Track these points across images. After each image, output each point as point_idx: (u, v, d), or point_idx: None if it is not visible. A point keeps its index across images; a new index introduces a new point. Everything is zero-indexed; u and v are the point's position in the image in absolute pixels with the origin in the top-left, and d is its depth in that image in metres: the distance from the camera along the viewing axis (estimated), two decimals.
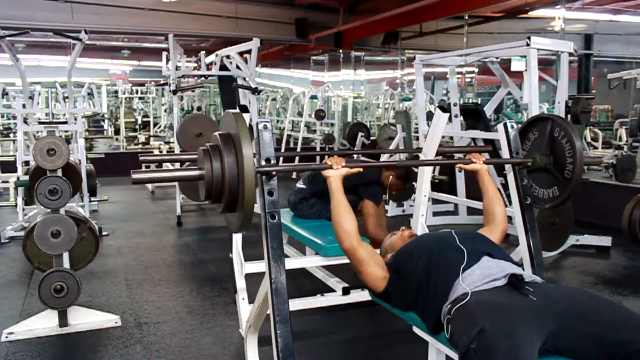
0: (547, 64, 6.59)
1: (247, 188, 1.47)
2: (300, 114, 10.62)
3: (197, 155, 1.62)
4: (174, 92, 5.46)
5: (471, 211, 5.15)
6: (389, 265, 1.86)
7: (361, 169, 1.88)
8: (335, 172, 1.81)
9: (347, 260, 2.77)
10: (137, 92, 12.10)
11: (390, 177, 3.40)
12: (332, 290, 3.07)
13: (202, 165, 1.54)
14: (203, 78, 10.43)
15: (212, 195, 1.55)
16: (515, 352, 1.31)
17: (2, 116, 10.66)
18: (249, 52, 5.49)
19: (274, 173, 1.60)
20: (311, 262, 3.04)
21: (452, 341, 1.52)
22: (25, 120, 4.97)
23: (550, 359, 1.45)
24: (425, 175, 2.48)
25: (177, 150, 5.44)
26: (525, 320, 1.40)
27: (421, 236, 2.05)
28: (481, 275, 1.60)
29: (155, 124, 12.18)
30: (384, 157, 6.30)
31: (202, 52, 5.81)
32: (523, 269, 1.85)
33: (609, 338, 1.38)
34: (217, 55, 5.77)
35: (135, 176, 1.53)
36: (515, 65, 6.89)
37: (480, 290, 1.55)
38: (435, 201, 5.39)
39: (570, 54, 4.14)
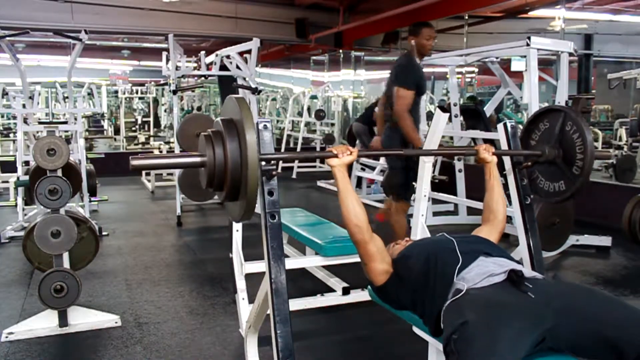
0: (547, 64, 6.59)
1: (250, 174, 1.43)
2: (300, 114, 10.62)
3: (199, 142, 1.57)
4: (174, 92, 5.46)
5: (471, 211, 5.15)
6: (393, 263, 1.85)
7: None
8: (340, 161, 1.72)
9: (347, 261, 2.79)
10: (137, 92, 12.12)
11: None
12: (332, 290, 3.07)
13: (204, 152, 1.50)
14: (203, 78, 10.44)
15: (214, 182, 1.51)
16: (492, 347, 1.31)
17: (2, 116, 10.67)
18: (249, 52, 5.50)
19: (275, 172, 1.59)
20: (311, 262, 3.04)
21: None
22: (25, 120, 4.97)
23: (550, 358, 1.45)
24: (425, 175, 2.47)
25: (177, 150, 5.44)
26: (516, 316, 1.39)
27: (419, 240, 2.04)
28: (478, 273, 1.59)
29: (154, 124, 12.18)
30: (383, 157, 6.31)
31: (202, 52, 5.81)
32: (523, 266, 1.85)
33: (609, 335, 1.38)
34: (217, 55, 5.78)
35: (134, 162, 1.46)
36: (515, 65, 6.88)
37: (477, 287, 1.55)
38: (435, 201, 5.39)
39: (570, 54, 4.14)
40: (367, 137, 7.58)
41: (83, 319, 2.84)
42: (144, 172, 7.98)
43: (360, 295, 2.92)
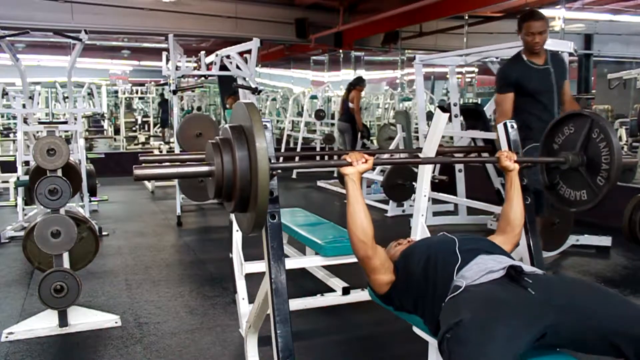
0: None
1: (261, 185, 1.36)
2: (300, 114, 10.62)
3: (206, 151, 1.51)
4: (174, 92, 5.46)
5: (471, 211, 5.15)
6: (395, 266, 1.84)
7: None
8: (354, 170, 1.66)
9: (347, 261, 2.79)
10: (137, 92, 12.12)
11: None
12: (332, 290, 3.07)
13: (211, 161, 1.43)
14: (203, 78, 10.44)
15: (223, 192, 1.44)
16: (483, 348, 1.30)
17: (2, 116, 10.67)
18: (249, 52, 5.50)
19: (274, 172, 1.57)
20: (311, 262, 3.04)
21: None
22: (25, 120, 4.97)
23: (551, 357, 1.45)
24: (425, 175, 2.47)
25: (177, 150, 5.45)
26: (514, 313, 1.39)
27: (420, 240, 2.02)
28: (477, 270, 1.58)
29: (155, 124, 12.19)
30: (384, 157, 6.30)
31: (202, 52, 5.81)
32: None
33: (609, 331, 1.38)
34: (217, 55, 5.78)
35: (137, 172, 1.40)
36: None
37: (476, 284, 1.54)
38: (435, 201, 5.40)
39: (570, 54, 4.14)
40: (349, 134, 7.62)
41: (83, 319, 2.84)
42: None
43: (360, 295, 2.92)
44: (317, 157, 9.16)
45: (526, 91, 3.20)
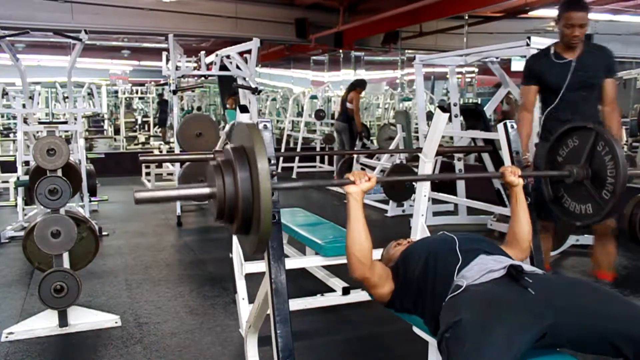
0: None
1: (264, 207, 1.34)
2: (300, 114, 10.62)
3: (207, 173, 1.49)
4: (174, 92, 5.46)
5: (471, 211, 5.15)
6: (395, 267, 1.84)
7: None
8: (357, 188, 1.65)
9: (346, 261, 2.79)
10: (137, 92, 12.12)
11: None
12: (332, 290, 3.07)
13: (213, 182, 1.42)
14: (203, 78, 10.44)
15: (225, 214, 1.43)
16: (483, 347, 1.30)
17: (2, 116, 10.67)
18: (249, 52, 5.50)
19: (274, 172, 1.56)
20: (311, 262, 3.04)
21: None
22: (25, 120, 4.97)
23: (551, 357, 1.45)
24: None
25: (177, 150, 5.44)
26: (513, 313, 1.39)
27: (419, 240, 2.02)
28: (478, 270, 1.59)
29: (154, 124, 12.20)
30: (384, 157, 6.31)
31: (202, 52, 5.82)
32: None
33: (608, 331, 1.38)
34: (217, 55, 5.78)
35: (138, 196, 1.39)
36: (515, 65, 6.88)
37: (476, 283, 1.54)
38: (435, 201, 5.40)
39: None
40: (346, 134, 7.63)
41: (83, 319, 2.84)
42: (144, 172, 7.98)
43: (360, 295, 2.91)
44: (317, 157, 9.19)
45: (548, 87, 2.97)
